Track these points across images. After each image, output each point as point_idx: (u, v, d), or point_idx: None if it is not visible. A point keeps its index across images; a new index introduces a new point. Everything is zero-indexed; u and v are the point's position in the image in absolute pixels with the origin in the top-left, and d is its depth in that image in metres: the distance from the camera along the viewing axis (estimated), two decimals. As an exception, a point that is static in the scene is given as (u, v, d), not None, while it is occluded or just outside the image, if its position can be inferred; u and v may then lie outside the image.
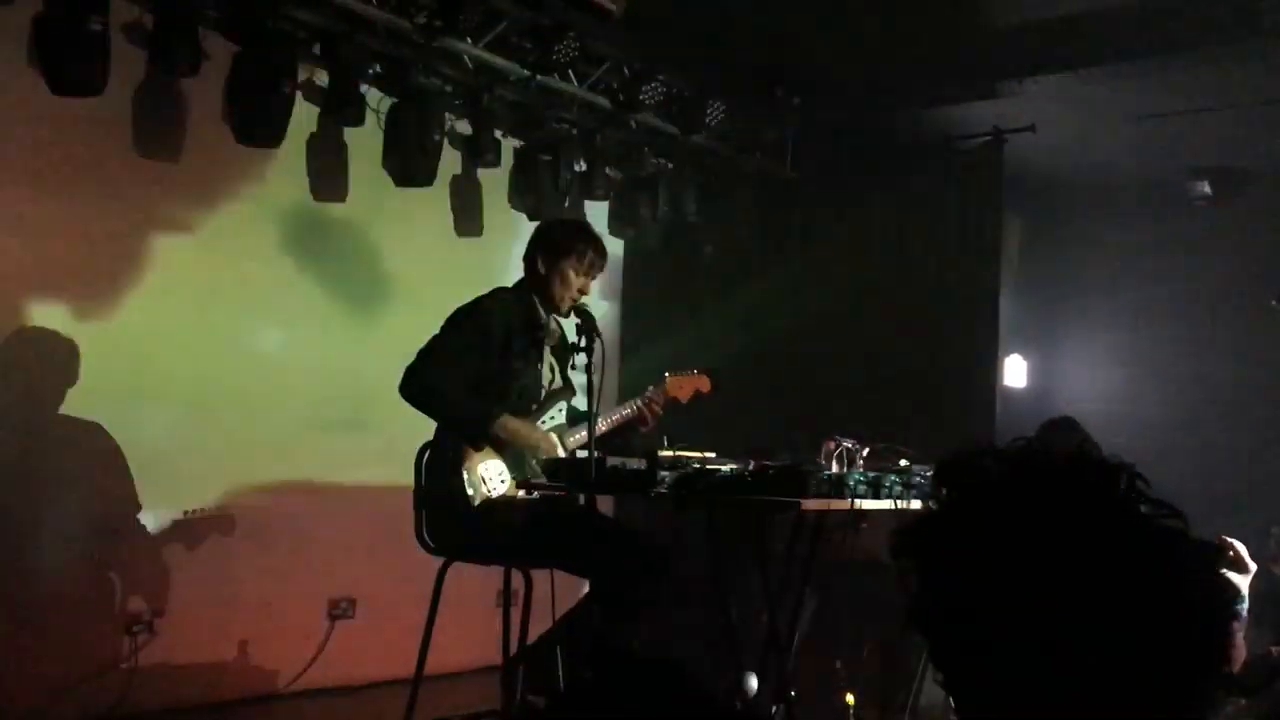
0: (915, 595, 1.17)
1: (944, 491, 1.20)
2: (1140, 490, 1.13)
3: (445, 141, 5.39)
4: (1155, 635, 1.07)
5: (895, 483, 3.58)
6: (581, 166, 6.10)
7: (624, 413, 4.25)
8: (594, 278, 4.18)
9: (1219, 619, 1.10)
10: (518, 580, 3.96)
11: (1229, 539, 3.08)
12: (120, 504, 4.80)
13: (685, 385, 4.41)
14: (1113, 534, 1.10)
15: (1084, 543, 1.09)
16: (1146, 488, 1.14)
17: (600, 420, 4.09)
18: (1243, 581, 3.06)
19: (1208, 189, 7.09)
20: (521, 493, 3.91)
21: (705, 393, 4.47)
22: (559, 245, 4.13)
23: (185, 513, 4.89)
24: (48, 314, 4.58)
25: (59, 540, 4.55)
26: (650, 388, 4.33)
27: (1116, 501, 1.12)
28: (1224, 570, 3.04)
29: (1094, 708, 1.07)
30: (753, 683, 4.16)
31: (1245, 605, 3.05)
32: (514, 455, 3.98)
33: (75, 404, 4.67)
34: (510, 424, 3.91)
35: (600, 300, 4.72)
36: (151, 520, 4.86)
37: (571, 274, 4.11)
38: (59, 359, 4.63)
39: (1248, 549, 3.12)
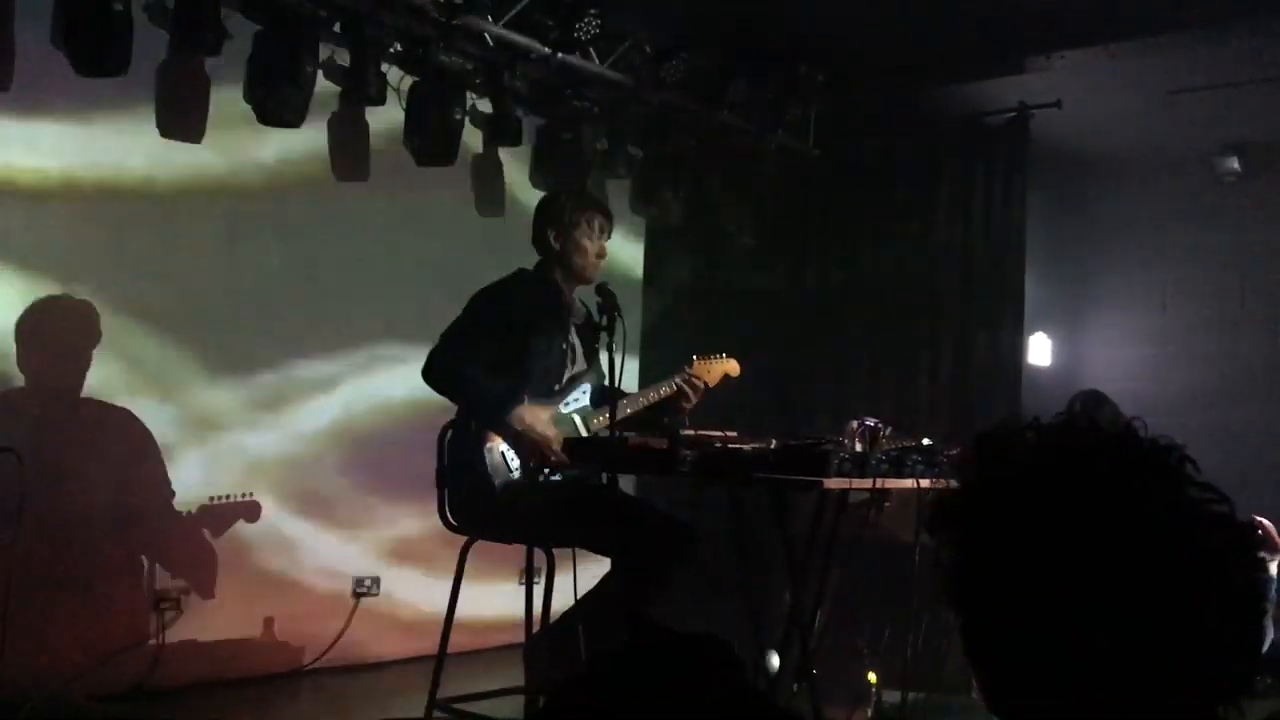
0: (950, 569, 1.15)
1: (982, 464, 1.17)
2: (1189, 472, 1.11)
3: (466, 120, 5.38)
4: (1200, 618, 1.05)
5: (917, 461, 3.56)
6: (603, 145, 6.07)
7: (662, 390, 4.21)
8: (606, 239, 4.17)
9: (1262, 605, 1.08)
10: (540, 559, 3.97)
11: (1260, 519, 3.06)
12: (150, 486, 4.85)
13: (713, 369, 4.36)
14: (1163, 515, 1.08)
15: (1132, 522, 1.07)
16: (1195, 471, 1.12)
17: (639, 397, 4.10)
18: (1273, 560, 3.04)
19: (1237, 165, 6.99)
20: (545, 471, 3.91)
21: (733, 376, 4.44)
22: (566, 217, 4.12)
23: (212, 499, 4.94)
24: (78, 297, 4.61)
25: (90, 520, 4.60)
26: (686, 366, 4.30)
27: (1167, 483, 1.10)
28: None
29: (1130, 687, 1.05)
30: (774, 661, 4.16)
31: (1275, 586, 3.03)
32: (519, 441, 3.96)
33: (106, 388, 4.70)
34: (526, 416, 3.89)
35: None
36: (180, 502, 4.90)
37: (586, 242, 4.10)
38: (89, 343, 4.66)
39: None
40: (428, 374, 3.91)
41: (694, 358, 4.34)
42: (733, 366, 4.42)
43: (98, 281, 4.66)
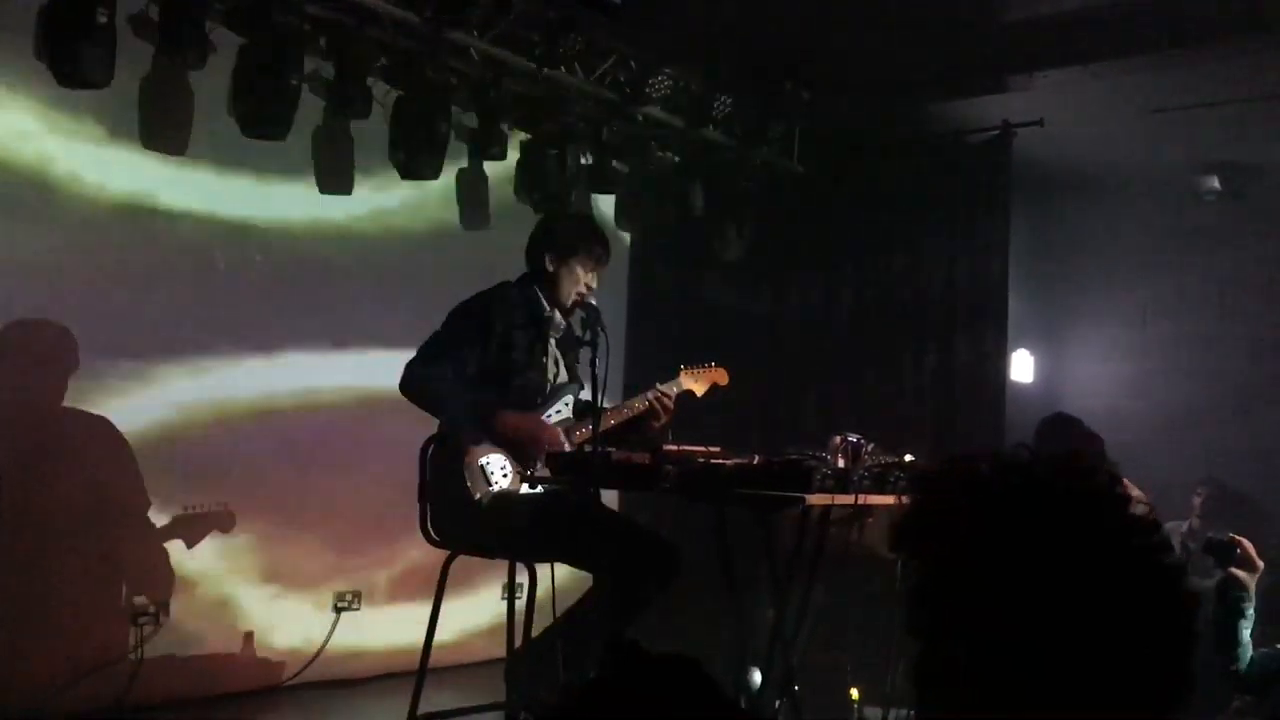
0: (912, 589, 1.17)
1: (934, 493, 1.19)
2: (1128, 508, 1.13)
3: (452, 135, 5.38)
4: (1132, 649, 1.08)
5: (900, 477, 3.57)
6: (588, 160, 6.09)
7: (637, 406, 4.20)
8: (599, 272, 4.18)
9: (1191, 635, 1.10)
10: (523, 574, 3.96)
11: (1238, 537, 3.07)
12: (126, 497, 4.82)
13: (701, 379, 4.35)
14: (1096, 548, 1.10)
15: (1068, 554, 1.09)
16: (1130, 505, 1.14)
17: (611, 414, 4.08)
18: (1251, 579, 3.04)
19: (1217, 184, 7.05)
20: (525, 486, 3.90)
21: (722, 386, 4.43)
22: (567, 243, 4.12)
23: (185, 508, 4.90)
24: (52, 306, 4.59)
25: (66, 533, 4.56)
26: (658, 383, 4.29)
27: (1103, 519, 1.12)
28: (1233, 568, 3.03)
29: (1068, 711, 1.06)
30: (757, 677, 4.15)
31: (1253, 602, 3.04)
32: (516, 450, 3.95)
33: (80, 397, 4.68)
34: (509, 418, 3.89)
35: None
36: (157, 514, 4.87)
37: (580, 270, 4.10)
38: (63, 351, 4.63)
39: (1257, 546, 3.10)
40: (404, 385, 3.90)
41: (681, 368, 4.33)
42: (721, 376, 4.41)
43: (78, 294, 4.63)
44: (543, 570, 3.79)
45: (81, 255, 4.67)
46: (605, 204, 6.32)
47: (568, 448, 4.05)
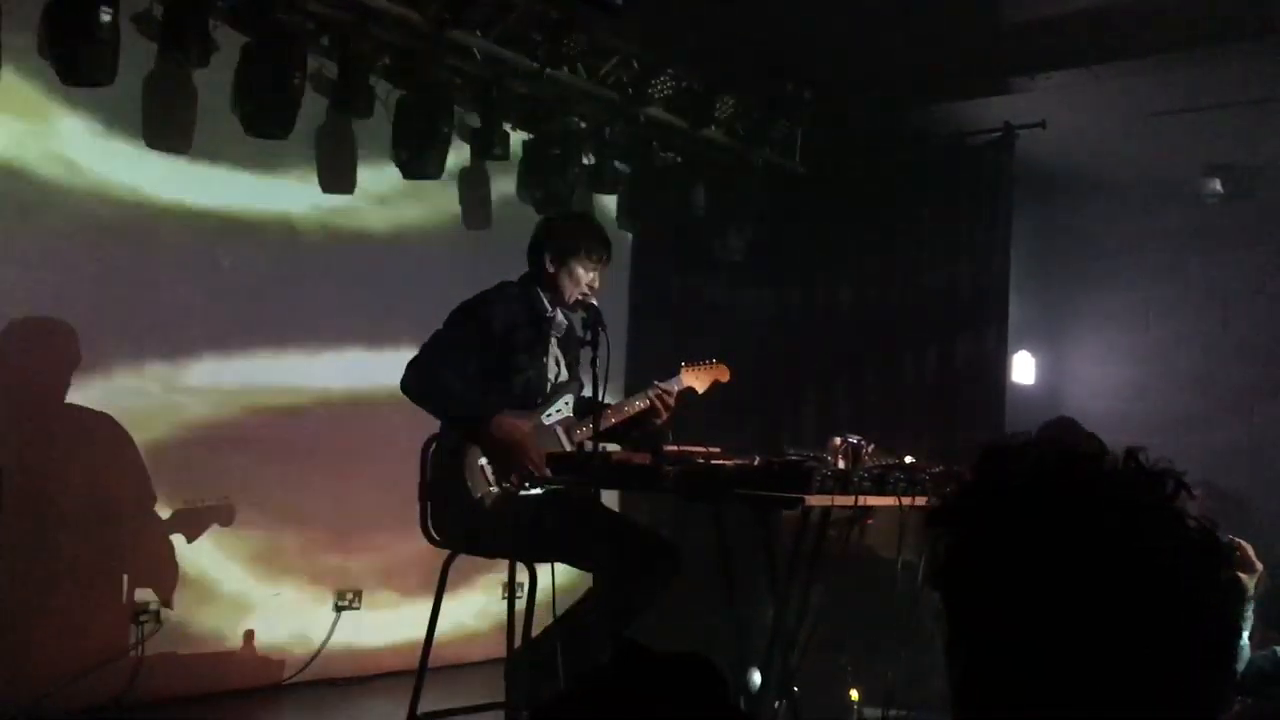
0: (941, 562, 1.16)
1: (986, 472, 1.18)
2: (1182, 500, 1.13)
3: (454, 134, 5.39)
4: (1181, 638, 1.07)
5: (900, 479, 3.57)
6: (590, 160, 6.10)
7: (637, 404, 4.19)
8: (600, 272, 4.18)
9: (1235, 623, 1.10)
10: (523, 573, 3.96)
11: (1237, 539, 3.07)
12: (128, 493, 4.82)
13: (703, 376, 4.35)
14: (1150, 540, 1.09)
15: (1119, 541, 1.08)
16: (1188, 495, 1.13)
17: (611, 413, 4.08)
18: (1249, 581, 3.05)
19: (1219, 186, 7.04)
20: (526, 485, 3.90)
21: (724, 383, 4.42)
22: (567, 243, 4.12)
23: (185, 502, 4.90)
24: (55, 303, 4.59)
25: (68, 529, 4.56)
26: (657, 380, 4.29)
27: (1159, 510, 1.11)
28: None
29: (1105, 705, 1.06)
30: (756, 678, 4.16)
31: (1252, 605, 3.05)
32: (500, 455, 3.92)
33: (82, 394, 4.68)
34: (505, 424, 3.86)
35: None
36: (158, 510, 4.88)
37: (581, 270, 4.10)
38: (65, 349, 4.64)
39: (1255, 549, 3.11)
40: (405, 384, 3.89)
41: (682, 365, 4.33)
42: (723, 372, 4.40)
43: (80, 291, 4.64)
44: (543, 570, 3.79)
45: (83, 251, 4.68)
46: (607, 204, 6.32)
47: (568, 446, 4.06)
